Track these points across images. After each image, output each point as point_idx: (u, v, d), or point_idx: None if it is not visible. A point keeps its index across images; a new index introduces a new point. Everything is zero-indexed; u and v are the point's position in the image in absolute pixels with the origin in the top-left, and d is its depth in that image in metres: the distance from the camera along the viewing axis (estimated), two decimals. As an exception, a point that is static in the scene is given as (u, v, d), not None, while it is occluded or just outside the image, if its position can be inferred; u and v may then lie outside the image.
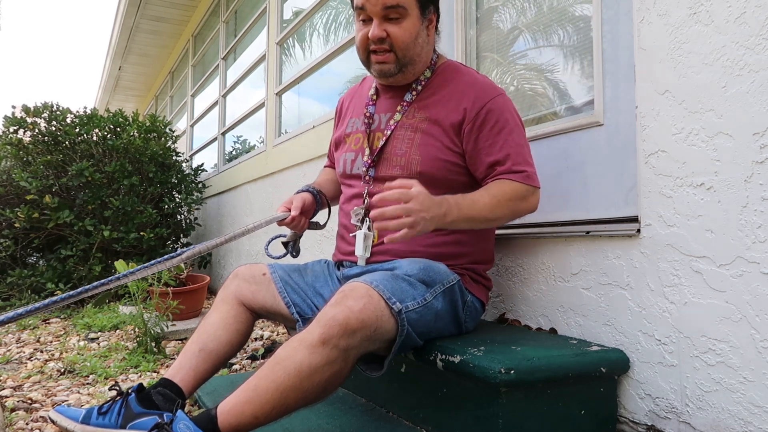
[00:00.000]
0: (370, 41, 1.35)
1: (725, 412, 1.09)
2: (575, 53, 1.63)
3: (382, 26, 1.33)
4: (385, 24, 1.33)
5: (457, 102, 1.37)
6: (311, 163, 2.89)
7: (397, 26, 1.33)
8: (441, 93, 1.41)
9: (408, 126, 1.40)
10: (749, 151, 1.05)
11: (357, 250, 1.40)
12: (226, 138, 4.95)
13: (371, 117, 1.48)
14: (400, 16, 1.33)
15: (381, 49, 1.35)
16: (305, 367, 1.05)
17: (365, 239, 1.39)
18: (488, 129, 1.34)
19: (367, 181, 1.43)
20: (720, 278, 1.10)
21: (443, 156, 1.36)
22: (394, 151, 1.40)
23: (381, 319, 1.11)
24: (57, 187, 3.86)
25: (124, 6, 5.85)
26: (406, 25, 1.34)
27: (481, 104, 1.35)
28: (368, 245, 1.39)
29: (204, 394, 1.61)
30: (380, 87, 1.51)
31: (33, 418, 1.62)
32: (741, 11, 1.06)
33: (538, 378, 1.16)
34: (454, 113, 1.37)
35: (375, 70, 1.40)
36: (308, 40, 3.50)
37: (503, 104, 1.37)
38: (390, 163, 1.40)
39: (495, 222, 1.34)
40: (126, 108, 5.83)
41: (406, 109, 1.42)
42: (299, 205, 1.47)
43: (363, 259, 1.40)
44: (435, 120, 1.38)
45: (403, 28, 1.34)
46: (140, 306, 2.38)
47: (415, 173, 1.36)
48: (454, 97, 1.39)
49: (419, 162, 1.37)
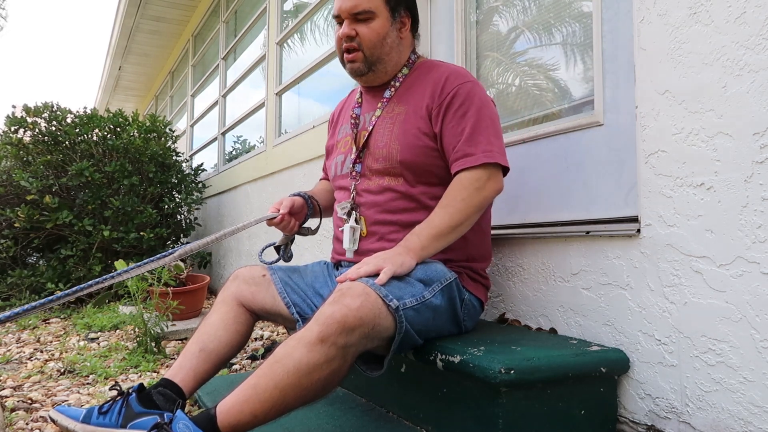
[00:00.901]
0: (342, 41, 1.46)
1: (725, 412, 1.09)
2: (575, 53, 1.63)
3: (352, 26, 1.44)
4: (355, 24, 1.44)
5: (431, 89, 1.42)
6: (311, 163, 2.89)
7: (366, 26, 1.44)
8: (416, 85, 1.47)
9: (388, 119, 1.46)
10: (749, 151, 1.05)
11: (344, 243, 1.44)
12: (226, 138, 4.95)
13: (357, 118, 1.54)
14: (368, 18, 1.44)
15: (351, 47, 1.45)
16: (304, 365, 1.05)
17: (353, 232, 1.42)
18: (453, 112, 1.37)
19: (354, 176, 1.47)
20: (720, 278, 1.10)
21: (420, 142, 1.39)
22: (376, 144, 1.45)
23: (379, 317, 1.11)
24: (57, 187, 3.86)
25: (124, 6, 5.85)
26: (374, 25, 1.44)
27: (449, 89, 1.39)
28: (356, 238, 1.43)
29: (204, 394, 1.61)
30: (364, 90, 1.58)
31: (33, 418, 1.62)
32: (741, 11, 1.07)
33: (538, 378, 1.16)
34: (426, 98, 1.42)
35: (348, 69, 1.49)
36: (309, 39, 3.50)
37: (471, 89, 1.39)
38: (373, 156, 1.45)
39: (465, 224, 1.31)
40: (126, 108, 5.83)
41: (386, 104, 1.49)
42: (288, 205, 1.50)
43: (351, 251, 1.44)
44: (410, 108, 1.43)
45: (370, 28, 1.44)
46: (140, 306, 2.38)
47: (396, 162, 1.40)
48: (428, 85, 1.44)
49: (399, 151, 1.40)
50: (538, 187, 1.62)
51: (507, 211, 1.70)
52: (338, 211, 1.48)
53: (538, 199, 1.62)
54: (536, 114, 1.75)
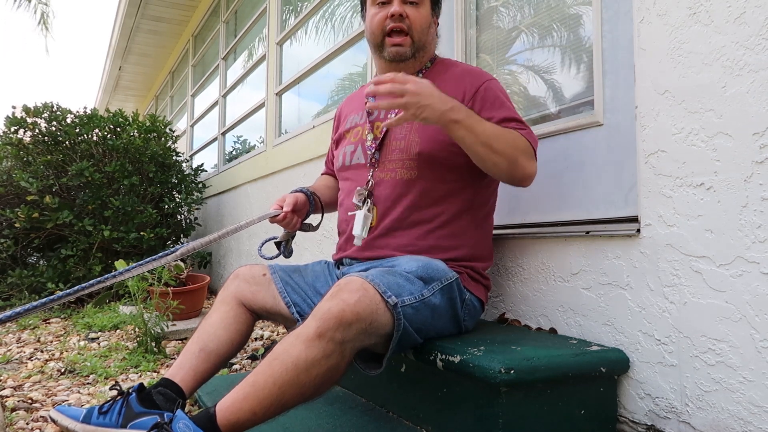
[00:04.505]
0: (388, 21, 1.41)
1: (725, 412, 1.09)
2: (575, 53, 1.63)
3: (402, 7, 1.41)
4: (404, 6, 1.41)
5: (455, 85, 1.42)
6: (311, 163, 2.89)
7: (416, 10, 1.43)
8: (438, 80, 1.45)
9: None
10: (749, 151, 1.05)
11: (355, 230, 1.41)
12: (226, 138, 4.95)
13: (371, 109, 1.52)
14: (418, 3, 1.42)
15: (400, 27, 1.41)
16: (302, 362, 1.05)
17: (364, 219, 1.41)
18: (489, 104, 1.39)
19: (373, 164, 1.46)
20: (720, 278, 1.10)
21: (442, 137, 1.38)
22: (394, 136, 1.44)
23: (376, 313, 1.11)
24: (57, 187, 3.86)
25: (124, 6, 5.85)
26: (423, 11, 1.44)
27: (478, 84, 1.42)
28: (366, 225, 1.41)
29: (204, 394, 1.61)
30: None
31: (33, 418, 1.62)
32: (741, 11, 1.07)
33: (538, 378, 1.16)
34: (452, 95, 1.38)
35: (390, 52, 1.44)
36: (309, 38, 3.50)
37: (497, 86, 1.45)
38: (389, 147, 1.44)
39: (493, 155, 1.26)
40: (126, 108, 5.83)
41: None
42: (292, 202, 1.48)
43: (360, 239, 1.42)
44: None
45: (420, 13, 1.43)
46: (140, 306, 2.38)
47: (414, 154, 1.40)
48: (450, 82, 1.44)
49: (418, 143, 1.40)
50: (538, 187, 1.62)
51: (507, 211, 1.70)
52: (354, 196, 1.46)
53: (538, 199, 1.62)
54: (536, 114, 1.75)
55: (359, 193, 1.45)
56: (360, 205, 1.44)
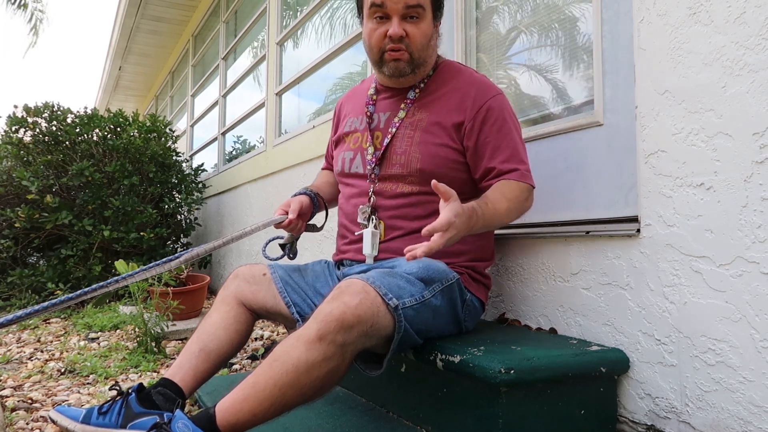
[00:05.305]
0: (386, 40, 1.36)
1: (725, 412, 1.09)
2: (575, 53, 1.63)
3: (402, 25, 1.34)
4: (404, 23, 1.35)
5: (457, 101, 1.40)
6: (311, 163, 2.89)
7: (415, 26, 1.36)
8: (441, 91, 1.43)
9: (408, 124, 1.43)
10: (749, 151, 1.05)
11: (365, 249, 1.41)
12: (226, 138, 4.95)
13: (371, 116, 1.50)
14: (418, 17, 1.36)
15: (398, 48, 1.35)
16: (303, 363, 1.05)
17: (372, 238, 1.40)
18: (489, 126, 1.37)
19: (372, 179, 1.45)
20: (720, 278, 1.10)
21: (443, 153, 1.38)
22: (394, 150, 1.42)
23: (377, 315, 1.11)
24: (57, 187, 3.86)
25: (124, 6, 5.85)
26: (423, 26, 1.37)
27: (480, 103, 1.38)
28: (375, 243, 1.41)
29: (204, 394, 1.61)
30: (380, 87, 1.52)
31: (33, 418, 1.62)
32: (741, 11, 1.07)
33: (538, 378, 1.16)
34: (455, 112, 1.39)
35: (390, 68, 1.39)
36: (309, 38, 3.50)
37: (501, 103, 1.40)
38: (390, 161, 1.42)
39: (505, 223, 1.36)
40: (126, 108, 5.83)
41: (410, 106, 1.45)
42: (297, 208, 1.48)
43: (371, 257, 1.41)
44: (435, 118, 1.40)
45: (420, 29, 1.36)
46: (140, 306, 2.38)
47: (414, 170, 1.39)
48: (454, 96, 1.41)
49: (419, 159, 1.39)
50: (538, 187, 1.62)
51: (507, 211, 1.70)
52: (358, 215, 1.45)
53: (538, 199, 1.61)
54: (536, 114, 1.75)
55: (362, 211, 1.44)
56: (366, 224, 1.43)
